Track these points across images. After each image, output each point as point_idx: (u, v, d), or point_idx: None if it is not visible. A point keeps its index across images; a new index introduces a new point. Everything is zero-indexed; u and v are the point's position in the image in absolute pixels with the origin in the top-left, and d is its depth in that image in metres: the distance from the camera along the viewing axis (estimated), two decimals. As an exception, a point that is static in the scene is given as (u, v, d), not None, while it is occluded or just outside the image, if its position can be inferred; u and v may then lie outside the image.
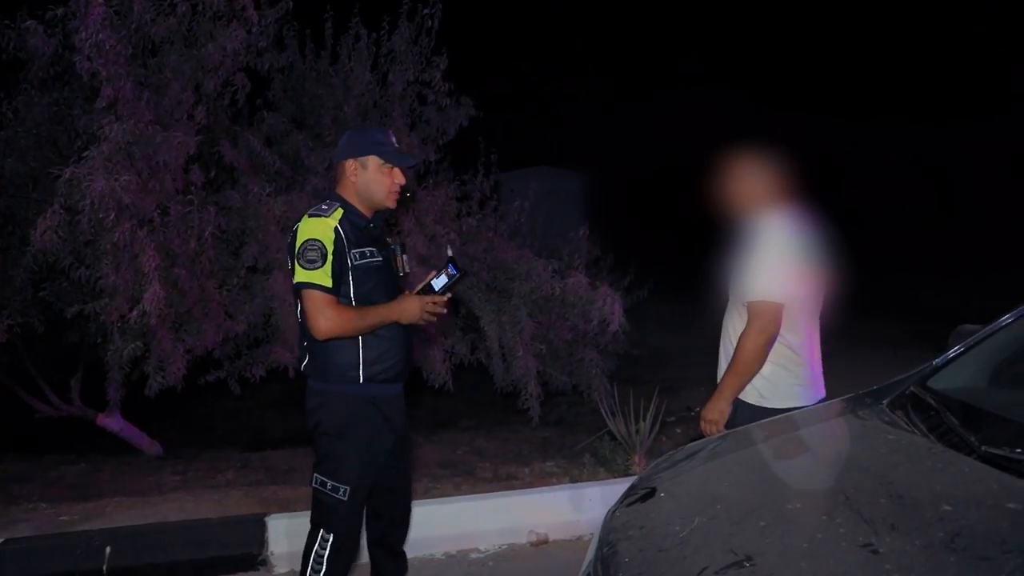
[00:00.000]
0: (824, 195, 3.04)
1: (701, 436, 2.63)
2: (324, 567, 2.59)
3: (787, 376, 2.76)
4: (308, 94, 6.07)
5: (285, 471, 5.33)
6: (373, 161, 2.61)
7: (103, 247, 4.35)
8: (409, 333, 2.71)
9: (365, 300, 2.56)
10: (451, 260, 2.67)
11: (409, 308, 2.59)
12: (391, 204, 2.67)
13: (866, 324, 9.61)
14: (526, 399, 5.66)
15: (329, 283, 2.46)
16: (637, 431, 4.29)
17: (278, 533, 3.69)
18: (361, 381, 2.57)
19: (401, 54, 6.00)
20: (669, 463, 2.05)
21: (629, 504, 1.80)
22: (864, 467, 1.76)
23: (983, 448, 1.73)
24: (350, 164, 2.62)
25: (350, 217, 2.58)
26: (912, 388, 2.21)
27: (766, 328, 2.65)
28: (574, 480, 4.15)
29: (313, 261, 2.45)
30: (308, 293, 2.46)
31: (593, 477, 4.21)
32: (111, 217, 4.15)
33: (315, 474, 2.61)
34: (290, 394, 7.73)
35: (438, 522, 3.78)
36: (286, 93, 6.05)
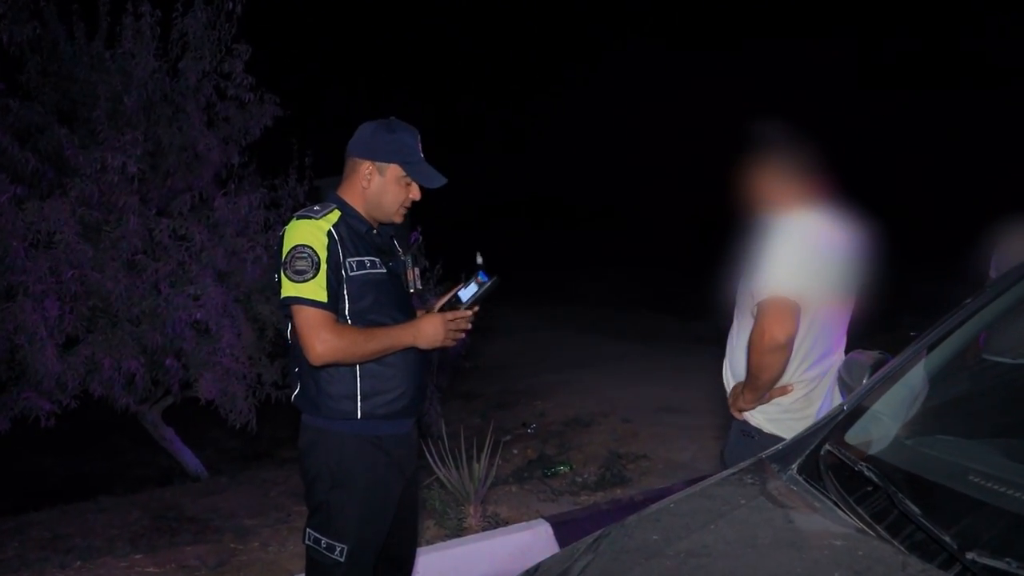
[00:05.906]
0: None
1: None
2: None
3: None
4: (80, 81, 4.86)
5: (49, 539, 4.11)
6: (394, 170, 2.14)
7: None
8: (425, 358, 2.23)
9: (361, 318, 2.09)
10: (480, 267, 2.28)
11: (430, 330, 2.12)
12: (399, 220, 2.23)
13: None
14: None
15: (324, 297, 2.01)
16: (471, 476, 3.53)
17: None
18: (359, 417, 2.09)
19: (196, 39, 4.97)
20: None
21: None
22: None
23: (970, 558, 1.14)
24: (365, 166, 2.14)
25: (348, 221, 2.12)
26: (828, 447, 1.61)
27: (779, 326, 2.03)
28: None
29: (303, 272, 1.99)
30: (299, 310, 2.01)
31: (422, 534, 3.39)
32: None
33: (308, 528, 2.13)
34: (74, 432, 6.32)
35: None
36: (47, 78, 4.79)
